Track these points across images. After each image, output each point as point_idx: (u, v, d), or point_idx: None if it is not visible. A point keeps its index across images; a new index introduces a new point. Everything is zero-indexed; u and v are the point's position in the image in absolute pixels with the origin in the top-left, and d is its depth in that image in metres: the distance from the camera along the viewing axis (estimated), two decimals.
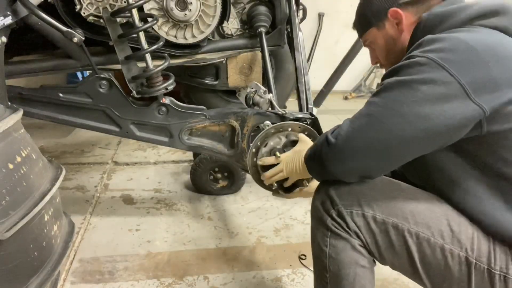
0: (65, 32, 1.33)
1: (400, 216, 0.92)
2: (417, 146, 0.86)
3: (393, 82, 0.86)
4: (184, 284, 1.56)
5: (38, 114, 1.48)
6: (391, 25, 1.04)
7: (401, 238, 0.92)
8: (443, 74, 0.81)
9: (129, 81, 1.42)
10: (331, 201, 0.96)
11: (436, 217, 0.92)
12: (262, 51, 1.71)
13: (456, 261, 0.89)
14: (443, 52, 0.83)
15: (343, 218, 0.94)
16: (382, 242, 0.94)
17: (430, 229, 0.91)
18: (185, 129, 1.53)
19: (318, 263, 1.00)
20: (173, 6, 1.51)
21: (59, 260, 0.96)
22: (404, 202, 0.94)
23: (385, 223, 0.92)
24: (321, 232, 0.97)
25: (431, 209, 0.93)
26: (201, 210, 2.11)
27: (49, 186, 0.95)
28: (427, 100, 0.81)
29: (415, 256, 0.91)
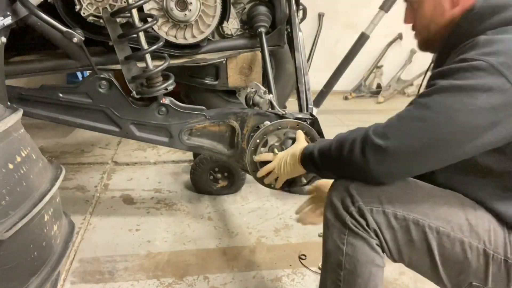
0: (65, 32, 1.33)
1: (421, 212, 0.93)
2: (469, 155, 0.86)
3: (448, 86, 0.82)
4: (184, 284, 1.56)
5: (38, 114, 1.48)
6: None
7: (422, 233, 0.92)
8: (502, 81, 0.79)
9: (129, 81, 1.42)
10: (351, 198, 0.94)
11: (455, 211, 0.93)
12: (262, 51, 1.71)
13: (474, 254, 0.91)
14: (501, 56, 0.80)
15: (363, 215, 0.93)
16: (402, 238, 0.94)
17: (449, 223, 0.92)
18: (185, 129, 1.53)
19: (333, 260, 0.98)
20: (173, 6, 1.51)
21: (59, 260, 0.96)
22: (423, 198, 0.95)
23: (406, 219, 0.93)
24: (339, 230, 0.96)
25: (449, 203, 0.94)
26: (201, 210, 2.11)
27: (49, 186, 0.95)
28: (485, 109, 0.79)
29: (435, 251, 0.92)
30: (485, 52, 0.82)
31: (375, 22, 3.21)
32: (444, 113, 0.81)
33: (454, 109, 0.80)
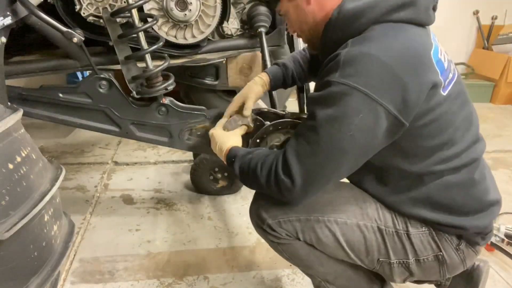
0: (65, 33, 1.33)
1: (319, 210, 1.07)
2: (360, 164, 0.97)
3: (326, 118, 0.90)
4: (184, 284, 1.56)
5: (38, 114, 1.48)
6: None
7: (325, 228, 1.06)
8: (367, 101, 0.87)
9: (129, 82, 1.42)
10: (260, 218, 1.10)
11: (347, 201, 1.08)
12: (262, 51, 1.71)
13: (371, 232, 1.06)
14: (362, 77, 0.87)
15: (275, 230, 1.08)
16: (312, 237, 1.07)
17: (344, 212, 1.06)
18: (185, 129, 1.53)
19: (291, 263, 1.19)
20: (173, 6, 1.51)
21: (59, 260, 0.96)
22: (319, 197, 1.05)
23: (308, 220, 1.06)
24: (271, 243, 1.14)
25: (341, 195, 1.09)
26: (201, 210, 2.11)
27: (49, 186, 0.95)
28: (361, 131, 0.89)
29: (341, 240, 1.06)
30: (347, 73, 0.88)
31: None
32: (330, 146, 0.91)
33: (337, 139, 0.90)
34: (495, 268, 1.65)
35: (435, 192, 1.01)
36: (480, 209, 1.03)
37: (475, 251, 1.07)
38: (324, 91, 0.91)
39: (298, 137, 0.96)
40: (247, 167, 1.04)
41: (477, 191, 1.03)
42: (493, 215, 1.06)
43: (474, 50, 4.73)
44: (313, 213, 1.06)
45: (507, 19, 4.64)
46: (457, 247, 1.04)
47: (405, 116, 0.90)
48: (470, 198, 1.02)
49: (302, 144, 0.94)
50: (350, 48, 0.91)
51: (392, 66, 0.87)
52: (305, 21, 1.07)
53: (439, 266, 1.06)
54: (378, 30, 0.93)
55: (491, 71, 4.40)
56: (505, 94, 4.35)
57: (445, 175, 1.00)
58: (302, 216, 1.07)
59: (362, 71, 0.87)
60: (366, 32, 0.94)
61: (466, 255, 1.06)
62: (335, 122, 0.89)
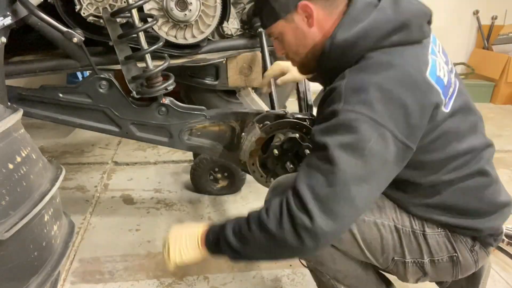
0: (65, 33, 1.33)
1: None
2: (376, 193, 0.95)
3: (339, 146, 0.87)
4: (184, 284, 1.56)
5: (38, 114, 1.48)
6: (301, 19, 1.01)
7: None
8: (376, 127, 0.86)
9: (129, 82, 1.42)
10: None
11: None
12: (262, 51, 1.71)
13: (388, 230, 1.06)
14: (366, 104, 0.87)
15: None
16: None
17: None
18: (185, 129, 1.53)
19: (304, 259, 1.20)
20: (173, 6, 1.51)
21: (59, 260, 0.96)
22: None
23: None
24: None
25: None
26: (201, 210, 2.11)
27: (49, 186, 0.95)
28: (374, 156, 0.87)
29: (358, 237, 1.06)
30: (352, 101, 0.88)
31: None
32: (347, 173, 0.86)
33: (354, 166, 0.87)
34: (495, 268, 1.65)
35: (449, 198, 1.02)
36: (493, 211, 1.04)
37: (487, 252, 1.08)
38: (331, 121, 0.90)
39: (309, 170, 0.91)
40: (246, 227, 0.93)
41: (489, 194, 1.04)
42: (505, 216, 1.07)
43: (474, 50, 4.73)
44: None
45: (507, 19, 4.64)
46: (471, 249, 1.05)
47: (411, 140, 0.90)
48: (483, 201, 1.03)
49: (315, 176, 0.89)
50: (349, 79, 0.91)
51: (392, 91, 0.88)
52: (304, 44, 1.05)
53: (453, 267, 1.07)
54: (372, 58, 0.93)
55: (491, 71, 4.40)
56: (505, 94, 4.36)
57: (457, 183, 1.01)
58: None
59: (365, 98, 0.87)
60: (362, 61, 0.94)
61: (479, 257, 1.07)
62: (349, 148, 0.87)
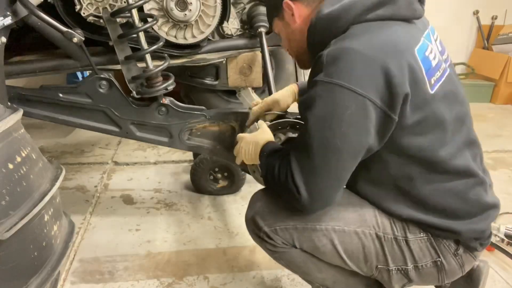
0: (65, 33, 1.33)
1: (316, 218, 1.04)
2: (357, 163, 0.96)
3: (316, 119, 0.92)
4: (184, 284, 1.56)
5: (38, 114, 1.48)
6: (288, 16, 1.09)
7: (323, 237, 1.04)
8: (354, 96, 0.88)
9: (129, 82, 1.42)
10: (256, 225, 1.09)
11: (344, 208, 1.06)
12: (262, 51, 1.72)
13: (369, 239, 1.04)
14: (345, 73, 0.89)
15: (271, 237, 1.07)
16: (309, 246, 1.06)
17: (341, 220, 1.05)
18: (185, 130, 1.53)
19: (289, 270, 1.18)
20: (173, 6, 1.51)
21: (59, 260, 0.96)
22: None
23: (305, 228, 1.05)
24: (268, 251, 1.12)
25: (339, 204, 1.04)
26: (201, 210, 2.11)
27: (49, 186, 0.95)
28: (352, 126, 0.90)
29: (339, 248, 1.05)
30: (331, 72, 0.90)
31: None
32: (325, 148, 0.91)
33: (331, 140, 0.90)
34: (495, 268, 1.65)
35: (429, 196, 1.00)
36: (475, 213, 1.02)
37: (474, 257, 1.07)
38: (310, 93, 0.93)
39: (297, 143, 0.98)
40: (271, 166, 1.03)
41: (472, 195, 1.02)
42: (489, 219, 1.05)
43: (474, 50, 4.73)
44: (310, 222, 1.05)
45: (507, 19, 4.64)
46: (455, 253, 1.04)
47: (392, 109, 0.90)
48: (465, 202, 1.01)
49: (299, 149, 0.95)
50: (332, 47, 0.93)
51: (373, 56, 0.89)
52: (294, 38, 1.12)
53: (438, 272, 1.06)
54: (357, 28, 0.95)
55: (491, 71, 4.40)
56: (505, 94, 4.36)
57: (438, 180, 1.00)
58: (299, 225, 1.05)
59: (345, 67, 0.89)
60: (346, 32, 0.96)
61: (465, 261, 1.06)
62: (324, 121, 0.90)
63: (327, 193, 0.95)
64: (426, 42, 0.99)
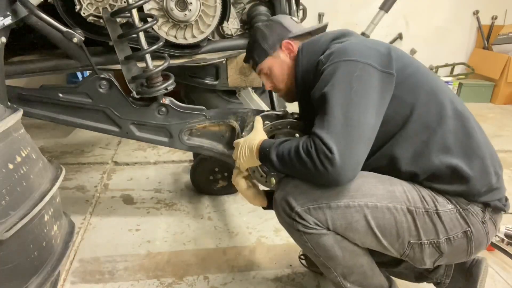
0: (65, 33, 1.33)
1: (348, 195, 1.07)
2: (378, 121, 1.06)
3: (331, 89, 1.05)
4: (184, 284, 1.56)
5: (38, 114, 1.48)
6: (284, 54, 1.30)
7: (356, 213, 1.07)
8: (357, 64, 1.06)
9: (129, 82, 1.42)
10: (289, 205, 1.10)
11: (374, 185, 1.09)
12: None
13: (401, 214, 1.07)
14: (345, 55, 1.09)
15: (303, 217, 1.08)
16: (342, 224, 1.08)
17: (373, 196, 1.08)
18: (185, 130, 1.53)
19: (311, 255, 1.16)
20: (173, 6, 1.51)
21: (59, 260, 0.97)
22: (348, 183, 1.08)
23: (339, 206, 1.07)
24: (296, 234, 1.13)
25: (368, 181, 1.10)
26: (201, 210, 2.11)
27: (49, 186, 0.95)
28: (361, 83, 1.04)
29: (372, 224, 1.07)
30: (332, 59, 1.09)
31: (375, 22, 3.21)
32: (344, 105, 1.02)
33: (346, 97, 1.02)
34: (495, 268, 1.65)
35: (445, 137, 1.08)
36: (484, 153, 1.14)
37: (495, 224, 1.13)
38: (320, 80, 1.09)
39: (320, 117, 1.05)
40: (287, 151, 1.08)
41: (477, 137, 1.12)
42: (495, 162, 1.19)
43: (474, 50, 4.73)
44: (343, 199, 1.07)
45: (507, 19, 4.65)
46: (483, 220, 1.09)
47: (389, 67, 1.08)
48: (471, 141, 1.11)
49: (325, 120, 1.02)
50: (324, 54, 1.13)
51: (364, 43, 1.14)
52: (287, 73, 1.30)
53: (467, 243, 1.10)
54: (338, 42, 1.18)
55: (491, 71, 4.40)
56: (505, 94, 4.36)
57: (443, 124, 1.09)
58: (332, 203, 1.07)
59: (346, 50, 1.10)
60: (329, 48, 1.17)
61: (490, 228, 1.11)
62: (338, 86, 1.04)
63: (356, 152, 1.00)
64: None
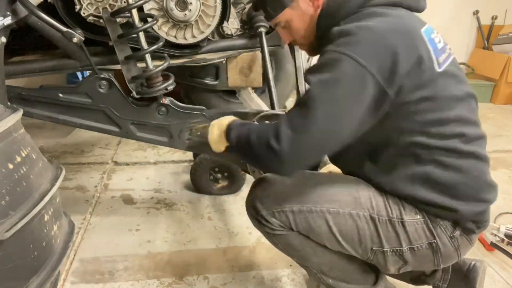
0: (64, 33, 1.33)
1: (312, 200, 1.07)
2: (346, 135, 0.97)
3: (317, 82, 0.95)
4: (184, 284, 1.56)
5: (38, 114, 1.48)
6: (306, 4, 1.10)
7: (318, 218, 1.06)
8: (357, 67, 0.92)
9: (129, 82, 1.43)
10: (255, 209, 1.12)
11: (339, 190, 1.08)
12: (262, 51, 1.71)
13: (364, 221, 1.05)
14: (354, 45, 0.94)
15: (268, 220, 1.10)
16: (305, 228, 1.08)
17: (336, 202, 1.06)
18: (185, 129, 1.53)
19: (287, 255, 1.18)
20: (173, 6, 1.51)
21: (59, 260, 0.96)
22: (312, 188, 1.09)
23: (301, 211, 1.07)
24: (266, 235, 1.15)
25: (333, 185, 1.09)
26: (201, 210, 2.11)
27: (49, 186, 0.95)
28: (348, 95, 0.93)
29: (334, 230, 1.06)
30: (341, 42, 0.95)
31: None
32: (318, 106, 0.93)
33: (326, 102, 0.93)
34: (495, 268, 1.65)
35: (433, 170, 1.00)
36: (476, 191, 1.02)
37: (470, 241, 1.06)
38: (319, 61, 1.00)
39: (295, 104, 1.02)
40: (244, 135, 1.06)
41: (475, 172, 1.02)
42: (489, 201, 1.05)
43: (474, 50, 4.73)
44: (306, 204, 1.07)
45: (507, 19, 4.64)
46: (451, 235, 1.03)
47: (390, 85, 0.93)
48: (468, 178, 1.01)
49: (294, 109, 0.99)
50: (343, 26, 1.00)
51: (384, 35, 0.94)
52: (311, 26, 1.12)
53: (433, 254, 1.05)
54: (367, 10, 1.02)
55: (491, 71, 4.40)
56: (505, 94, 4.35)
57: (443, 155, 0.99)
58: (295, 207, 1.08)
59: (355, 40, 0.94)
60: (356, 14, 1.02)
61: (461, 244, 1.05)
62: (324, 85, 0.94)
63: (309, 151, 0.97)
64: (431, 30, 1.04)
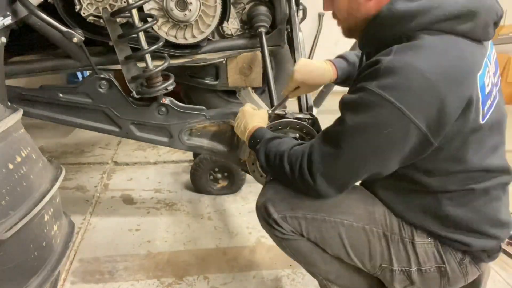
0: (64, 33, 1.33)
1: (326, 210, 1.06)
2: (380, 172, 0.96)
3: (354, 126, 0.90)
4: (184, 284, 1.56)
5: (38, 114, 1.48)
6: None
7: (331, 229, 1.06)
8: (400, 117, 0.84)
9: (129, 82, 1.42)
10: (267, 212, 1.09)
11: (355, 204, 1.07)
12: (262, 51, 1.71)
13: (376, 237, 1.05)
14: (400, 90, 0.84)
15: (280, 224, 1.08)
16: (317, 236, 1.08)
17: (351, 215, 1.06)
18: (185, 129, 1.53)
19: (294, 260, 1.18)
20: (173, 6, 1.51)
21: (59, 260, 0.96)
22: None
23: (315, 219, 1.06)
24: (275, 238, 1.13)
25: (350, 197, 1.07)
26: (201, 210, 2.11)
27: (49, 186, 0.95)
28: (387, 144, 0.89)
29: (345, 242, 1.06)
30: (385, 84, 0.85)
31: None
32: (354, 153, 0.92)
33: (362, 148, 0.90)
34: (495, 268, 1.65)
35: (447, 208, 1.00)
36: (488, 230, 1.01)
37: (478, 268, 1.06)
38: (357, 96, 0.89)
39: (326, 136, 0.98)
40: (274, 154, 1.05)
41: (489, 212, 1.01)
42: (502, 236, 1.04)
43: None
44: (321, 212, 1.06)
45: (507, 19, 4.64)
46: (460, 262, 1.04)
47: (435, 135, 0.87)
48: (481, 218, 1.00)
49: (327, 145, 0.95)
50: (394, 57, 0.87)
51: (435, 83, 0.84)
52: (356, 14, 0.99)
53: (440, 278, 1.05)
54: (427, 40, 0.88)
55: None
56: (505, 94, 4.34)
57: (460, 196, 0.99)
58: (309, 214, 1.06)
59: (401, 84, 0.84)
60: (414, 40, 0.88)
61: (469, 271, 1.05)
62: (362, 131, 0.89)
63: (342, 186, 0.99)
64: (487, 64, 0.95)
